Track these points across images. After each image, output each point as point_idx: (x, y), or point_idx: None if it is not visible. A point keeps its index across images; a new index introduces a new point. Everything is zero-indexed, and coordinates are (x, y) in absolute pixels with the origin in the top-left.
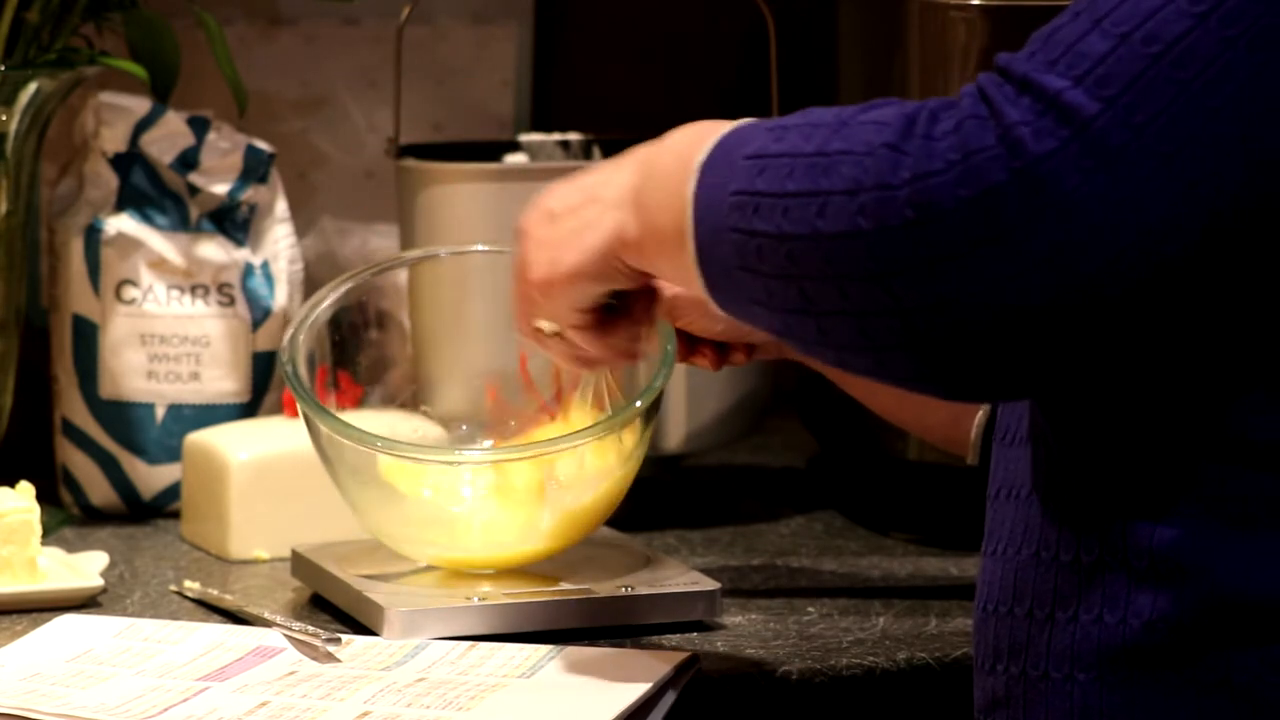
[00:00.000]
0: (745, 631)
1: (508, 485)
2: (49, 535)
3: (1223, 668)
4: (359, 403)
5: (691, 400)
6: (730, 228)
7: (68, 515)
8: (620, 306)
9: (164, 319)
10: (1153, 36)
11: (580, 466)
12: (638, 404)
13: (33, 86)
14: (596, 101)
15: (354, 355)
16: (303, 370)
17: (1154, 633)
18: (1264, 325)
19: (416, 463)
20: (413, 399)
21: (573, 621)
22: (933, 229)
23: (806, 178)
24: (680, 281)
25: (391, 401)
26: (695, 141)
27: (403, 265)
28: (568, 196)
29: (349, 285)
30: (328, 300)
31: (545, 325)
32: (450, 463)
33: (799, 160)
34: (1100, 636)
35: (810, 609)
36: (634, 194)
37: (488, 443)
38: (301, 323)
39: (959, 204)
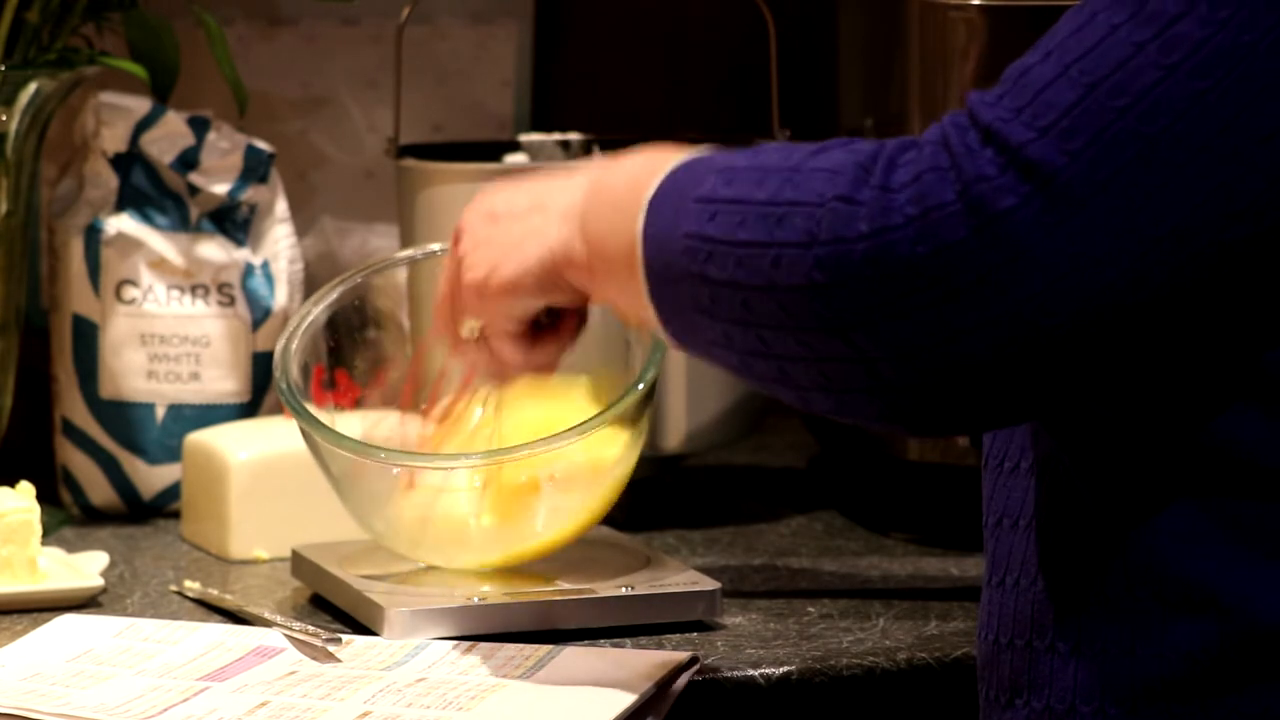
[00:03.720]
0: (745, 631)
1: (506, 483)
2: (49, 535)
3: (1263, 700)
4: (357, 403)
5: (691, 400)
6: (684, 271)
7: (68, 515)
8: (549, 323)
9: (164, 319)
10: (1121, 88)
11: (577, 460)
12: (639, 387)
13: (33, 86)
14: (596, 101)
15: (351, 355)
16: (296, 379)
17: (1193, 665)
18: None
19: (412, 469)
20: (412, 399)
21: (573, 621)
22: (891, 285)
23: (760, 227)
24: (630, 308)
25: (390, 402)
26: (645, 173)
27: (394, 266)
28: (513, 200)
29: (339, 290)
30: (318, 308)
31: (468, 329)
32: (448, 469)
33: (750, 208)
34: (1133, 670)
35: (810, 609)
36: (581, 215)
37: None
38: (293, 333)
39: (917, 260)
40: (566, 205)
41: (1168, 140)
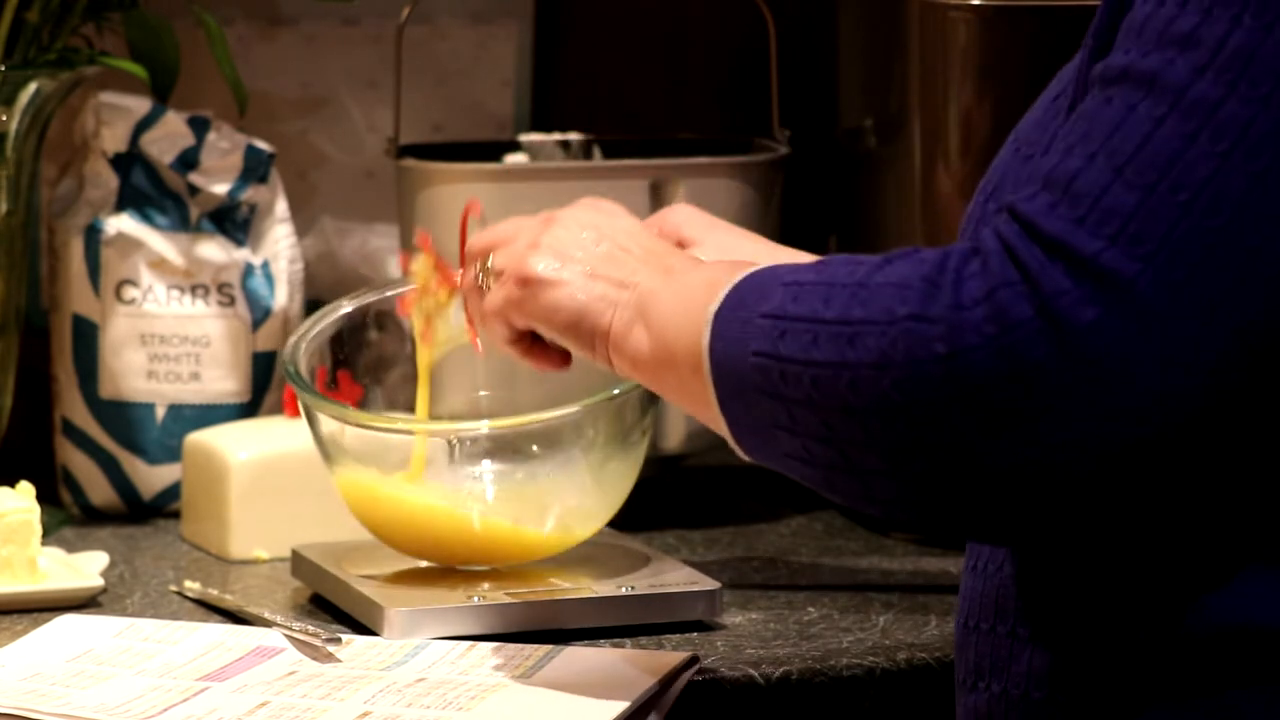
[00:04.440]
0: (745, 631)
1: (508, 483)
2: (49, 535)
3: (1226, 696)
4: (359, 403)
5: None
6: (757, 388)
7: (68, 515)
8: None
9: (164, 319)
10: (1180, 184)
11: (577, 458)
12: (635, 388)
13: (33, 86)
14: (596, 101)
15: (354, 356)
16: (304, 370)
17: (1140, 662)
18: None
19: (414, 435)
20: (413, 399)
21: (573, 621)
22: (972, 404)
23: (832, 347)
24: (693, 410)
25: (392, 402)
26: (712, 282)
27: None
28: (615, 246)
29: (351, 308)
30: (329, 319)
31: (473, 274)
32: (451, 433)
33: (820, 327)
34: (1084, 661)
35: (810, 609)
36: (643, 307)
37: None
38: (303, 336)
39: (999, 380)
40: (643, 292)
41: (1235, 229)
